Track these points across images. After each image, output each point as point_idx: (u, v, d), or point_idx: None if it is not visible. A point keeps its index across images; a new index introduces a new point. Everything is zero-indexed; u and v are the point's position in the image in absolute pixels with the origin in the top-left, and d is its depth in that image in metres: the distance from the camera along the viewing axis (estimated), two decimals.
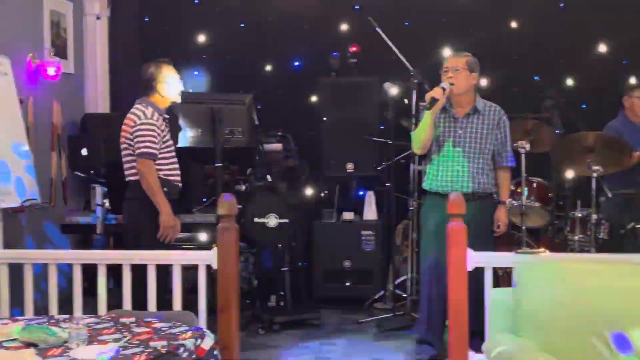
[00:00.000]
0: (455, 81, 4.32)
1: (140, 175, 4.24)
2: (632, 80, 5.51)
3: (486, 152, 4.41)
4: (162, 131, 4.32)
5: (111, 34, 6.51)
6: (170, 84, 4.38)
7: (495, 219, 4.43)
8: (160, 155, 4.29)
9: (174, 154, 4.42)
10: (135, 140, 4.24)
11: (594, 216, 4.77)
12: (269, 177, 5.27)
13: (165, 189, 4.27)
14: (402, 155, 5.87)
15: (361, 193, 6.26)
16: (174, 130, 4.65)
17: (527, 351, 2.97)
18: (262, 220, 5.08)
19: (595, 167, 4.64)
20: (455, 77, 4.34)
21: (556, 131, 5.15)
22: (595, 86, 6.18)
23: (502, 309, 3.34)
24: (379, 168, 5.87)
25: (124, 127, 4.32)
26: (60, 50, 5.85)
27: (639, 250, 4.45)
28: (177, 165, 4.44)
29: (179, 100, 4.46)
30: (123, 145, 4.33)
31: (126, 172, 4.35)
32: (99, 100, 6.40)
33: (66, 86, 5.87)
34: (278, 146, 5.57)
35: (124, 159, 4.36)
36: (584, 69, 6.20)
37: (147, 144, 4.23)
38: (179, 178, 4.45)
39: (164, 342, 2.59)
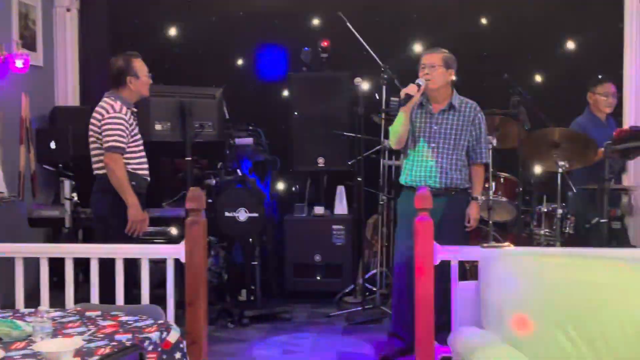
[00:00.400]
0: (431, 77, 4.36)
1: (108, 169, 4.22)
2: (596, 77, 5.58)
3: (460, 148, 4.45)
4: (131, 125, 4.31)
5: (81, 27, 6.46)
6: (139, 78, 4.36)
7: (466, 215, 4.49)
8: (128, 149, 4.29)
9: (142, 147, 4.41)
10: (104, 134, 4.23)
11: (560, 211, 4.85)
12: (238, 171, 5.26)
13: (133, 182, 4.27)
14: (372, 150, 5.91)
15: (332, 187, 6.27)
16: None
17: (490, 344, 3.01)
18: (232, 214, 5.08)
19: (561, 163, 4.71)
20: (431, 73, 4.37)
21: (524, 127, 5.21)
22: (563, 83, 6.27)
23: (468, 302, 3.40)
24: (349, 163, 5.90)
25: (92, 120, 4.31)
26: (29, 43, 5.80)
27: (603, 245, 4.53)
28: (145, 159, 4.44)
29: (147, 94, 4.44)
30: (91, 139, 4.32)
31: (94, 166, 4.34)
32: (68, 93, 6.34)
33: (35, 79, 5.82)
34: (249, 140, 5.56)
35: (92, 152, 4.34)
36: (552, 65, 6.27)
37: (116, 137, 4.21)
38: (147, 172, 4.44)
39: (129, 336, 2.59)
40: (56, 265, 3.97)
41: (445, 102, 4.46)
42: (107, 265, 3.94)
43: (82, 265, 5.24)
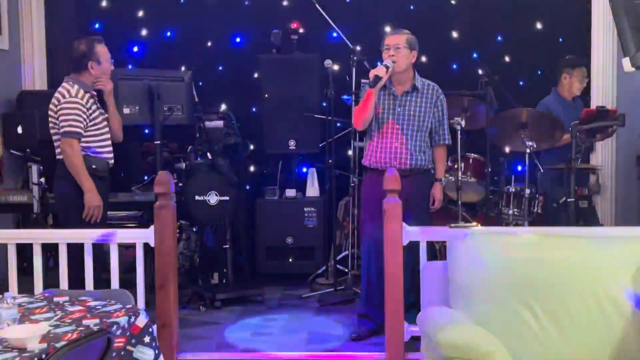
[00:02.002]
0: (396, 59, 4.37)
1: (64, 154, 4.21)
2: (570, 58, 5.61)
3: (424, 129, 4.48)
4: (89, 109, 4.28)
5: (48, 9, 6.35)
6: (100, 64, 4.33)
7: (430, 195, 4.53)
8: (88, 133, 4.27)
9: (104, 130, 4.39)
10: (60, 119, 4.21)
11: (528, 191, 4.91)
12: (209, 155, 5.25)
13: (94, 166, 4.25)
14: (343, 133, 5.92)
15: (303, 170, 6.29)
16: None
17: (457, 322, 3.06)
18: (202, 197, 5.07)
19: (529, 143, 4.76)
20: (396, 54, 4.38)
21: (491, 108, 5.25)
22: (532, 64, 6.32)
23: (436, 282, 3.44)
24: (320, 145, 5.91)
25: (50, 106, 4.29)
26: None
27: (571, 224, 4.60)
28: (109, 142, 4.42)
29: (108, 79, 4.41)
30: (50, 124, 4.31)
31: (56, 151, 4.32)
32: (35, 77, 6.26)
33: (1, 63, 5.73)
34: (219, 123, 5.53)
35: (53, 138, 4.33)
36: (521, 46, 6.32)
37: (71, 122, 4.20)
38: (110, 155, 4.43)
39: (97, 320, 2.59)
40: (26, 251, 3.95)
41: (408, 84, 4.48)
42: (76, 251, 3.93)
43: (52, 250, 5.22)
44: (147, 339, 2.75)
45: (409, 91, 4.47)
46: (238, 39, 6.51)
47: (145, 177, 5.60)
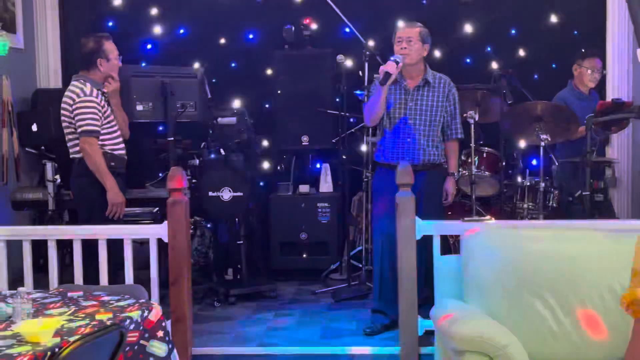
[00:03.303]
0: (407, 52, 4.34)
1: (85, 153, 4.22)
2: (585, 50, 5.58)
3: (436, 124, 4.45)
4: (103, 107, 4.31)
5: (62, 7, 6.39)
6: (109, 60, 4.35)
7: (444, 190, 4.51)
8: (103, 131, 4.29)
9: (116, 127, 4.42)
10: (77, 118, 4.22)
11: (543, 184, 4.88)
12: (222, 151, 5.25)
13: (112, 163, 4.28)
14: (356, 128, 5.90)
15: (317, 166, 6.28)
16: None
17: (471, 316, 3.04)
18: (216, 193, 5.08)
19: (544, 136, 4.73)
20: (408, 47, 4.36)
21: (506, 101, 5.22)
22: (546, 57, 6.27)
23: (450, 276, 3.42)
24: (334, 140, 5.90)
25: (63, 105, 4.31)
26: (8, 25, 5.73)
27: (586, 217, 4.56)
28: (121, 139, 4.45)
29: (116, 76, 4.43)
30: (64, 124, 4.32)
31: (70, 150, 4.34)
32: (50, 75, 6.29)
33: (16, 61, 5.76)
34: (232, 120, 5.53)
35: (66, 137, 4.35)
36: (536, 39, 6.26)
37: (89, 121, 4.21)
38: (124, 151, 4.46)
39: (110, 315, 2.61)
40: (43, 248, 3.98)
41: (419, 77, 4.45)
42: (93, 247, 3.95)
43: (68, 247, 5.25)
44: (160, 334, 2.77)
45: (421, 85, 4.44)
46: (251, 36, 6.51)
47: (160, 174, 5.61)
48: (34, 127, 5.51)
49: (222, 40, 6.52)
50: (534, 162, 5.65)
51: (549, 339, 3.02)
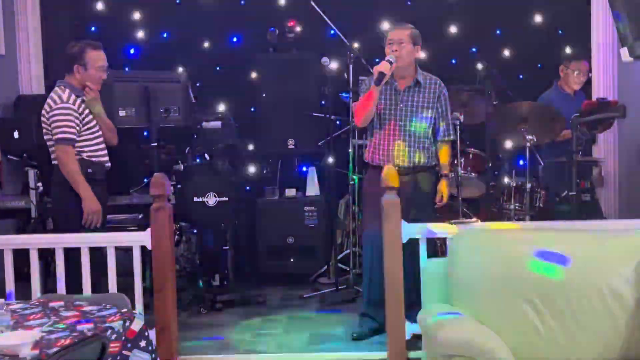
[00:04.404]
0: (399, 54, 4.32)
1: (59, 161, 4.18)
2: (569, 50, 5.58)
3: (427, 125, 4.43)
4: (81, 114, 4.24)
5: (43, 13, 6.32)
6: (87, 70, 4.26)
7: (438, 191, 4.47)
8: (81, 138, 4.23)
9: (98, 133, 4.35)
10: (52, 125, 4.18)
11: (529, 185, 4.86)
12: (207, 156, 5.21)
13: (89, 170, 4.22)
14: (342, 130, 5.88)
15: (303, 169, 6.25)
16: None
17: (458, 319, 3.02)
18: (201, 199, 5.03)
19: (529, 137, 4.71)
20: (399, 49, 4.33)
21: (492, 102, 5.21)
22: (531, 57, 6.27)
23: (437, 279, 3.40)
24: (319, 143, 5.87)
25: (42, 112, 4.26)
26: None
27: (573, 218, 4.55)
28: (102, 145, 4.38)
29: (96, 86, 4.32)
30: (44, 131, 4.27)
31: (52, 157, 4.28)
32: (32, 81, 6.22)
33: None
34: (217, 124, 5.49)
35: (48, 144, 4.28)
36: (520, 40, 6.27)
37: (64, 129, 4.16)
38: (106, 158, 4.39)
39: (91, 325, 2.56)
40: (26, 257, 3.92)
41: (410, 78, 4.43)
42: (76, 256, 3.90)
43: (53, 256, 5.19)
44: (143, 344, 2.72)
45: (412, 86, 4.42)
46: (235, 39, 6.48)
47: (144, 180, 5.56)
48: (16, 134, 5.44)
49: (206, 44, 6.50)
50: (521, 162, 5.64)
51: (536, 342, 2.99)
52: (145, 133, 5.70)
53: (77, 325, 2.58)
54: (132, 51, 6.45)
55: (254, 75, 6.23)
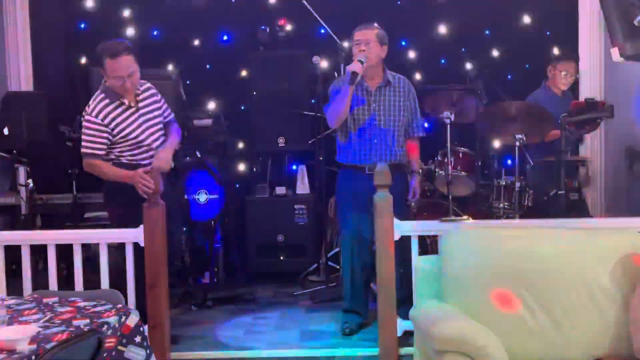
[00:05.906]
0: (367, 54, 4.34)
1: (93, 173, 4.08)
2: (557, 51, 5.63)
3: (400, 123, 4.48)
4: (108, 124, 3.99)
5: (32, 9, 6.28)
6: (110, 79, 3.98)
7: (411, 188, 4.54)
8: (117, 147, 4.05)
9: (137, 139, 4.07)
10: (81, 136, 4.06)
11: (518, 184, 4.91)
12: (198, 153, 5.22)
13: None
14: (332, 129, 5.88)
15: (293, 167, 6.26)
16: None
17: (450, 315, 3.05)
18: (192, 197, 5.04)
19: (519, 136, 4.75)
20: (367, 49, 4.36)
21: (481, 102, 5.25)
22: (520, 57, 6.32)
23: (428, 276, 3.42)
24: (310, 142, 5.88)
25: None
26: None
27: (561, 216, 4.59)
28: (145, 148, 4.11)
29: (129, 98, 4.09)
30: None
31: None
32: (21, 78, 6.18)
33: None
34: (207, 122, 5.50)
35: None
36: (509, 40, 6.31)
37: (86, 144, 4.00)
38: (147, 161, 4.07)
39: (87, 321, 2.57)
40: (14, 253, 3.91)
41: (379, 78, 4.47)
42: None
43: (42, 253, 5.18)
44: (138, 339, 2.73)
45: (382, 85, 4.46)
46: (225, 37, 6.49)
47: None
48: (5, 131, 5.42)
49: (196, 42, 6.49)
50: (509, 162, 5.69)
51: (527, 338, 3.03)
52: None
53: (73, 320, 2.59)
54: None
55: (244, 73, 6.24)
